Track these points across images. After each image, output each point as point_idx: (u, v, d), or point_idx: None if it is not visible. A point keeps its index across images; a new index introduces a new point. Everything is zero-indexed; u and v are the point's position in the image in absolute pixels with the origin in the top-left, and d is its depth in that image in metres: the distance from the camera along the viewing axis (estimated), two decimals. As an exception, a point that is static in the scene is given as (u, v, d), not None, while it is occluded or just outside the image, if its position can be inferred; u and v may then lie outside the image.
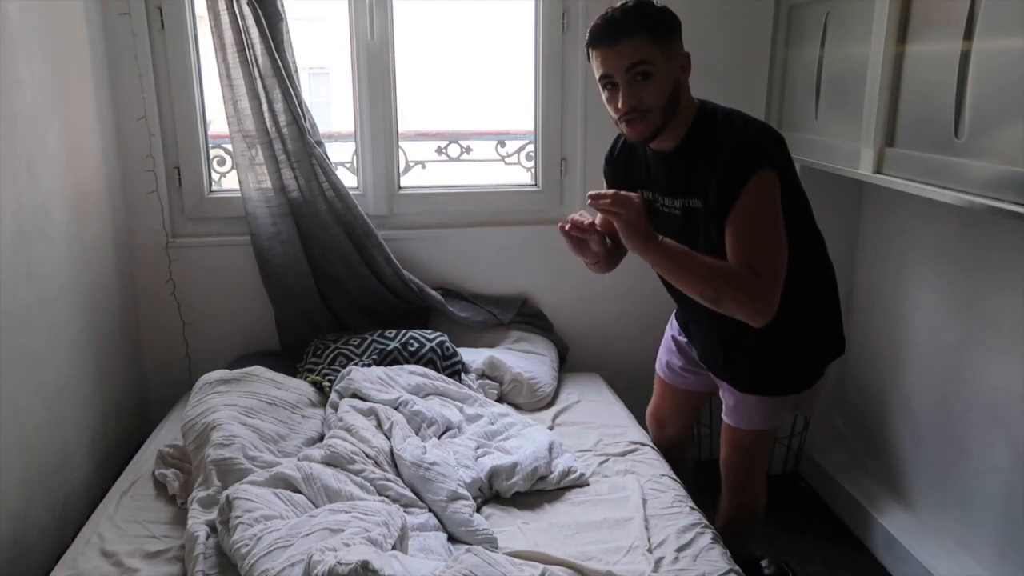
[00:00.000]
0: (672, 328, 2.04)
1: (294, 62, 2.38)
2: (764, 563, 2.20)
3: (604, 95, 1.56)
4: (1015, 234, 1.93)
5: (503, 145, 2.72)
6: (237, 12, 2.28)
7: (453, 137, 2.69)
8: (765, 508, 2.02)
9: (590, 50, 1.54)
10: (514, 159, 2.73)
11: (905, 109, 1.85)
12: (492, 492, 1.86)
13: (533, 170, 2.73)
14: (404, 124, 2.62)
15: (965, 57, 1.60)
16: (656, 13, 1.51)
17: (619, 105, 1.52)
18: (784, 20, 2.47)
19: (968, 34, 1.59)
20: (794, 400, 1.78)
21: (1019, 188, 1.47)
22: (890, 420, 2.50)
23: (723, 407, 1.87)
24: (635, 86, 1.49)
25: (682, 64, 1.54)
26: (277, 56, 2.31)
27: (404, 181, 2.68)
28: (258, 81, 2.34)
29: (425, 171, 2.70)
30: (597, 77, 1.55)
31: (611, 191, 1.55)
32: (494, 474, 1.86)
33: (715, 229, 1.55)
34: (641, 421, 2.26)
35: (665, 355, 2.06)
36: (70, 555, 1.62)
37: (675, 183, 1.62)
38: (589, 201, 1.54)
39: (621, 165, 1.78)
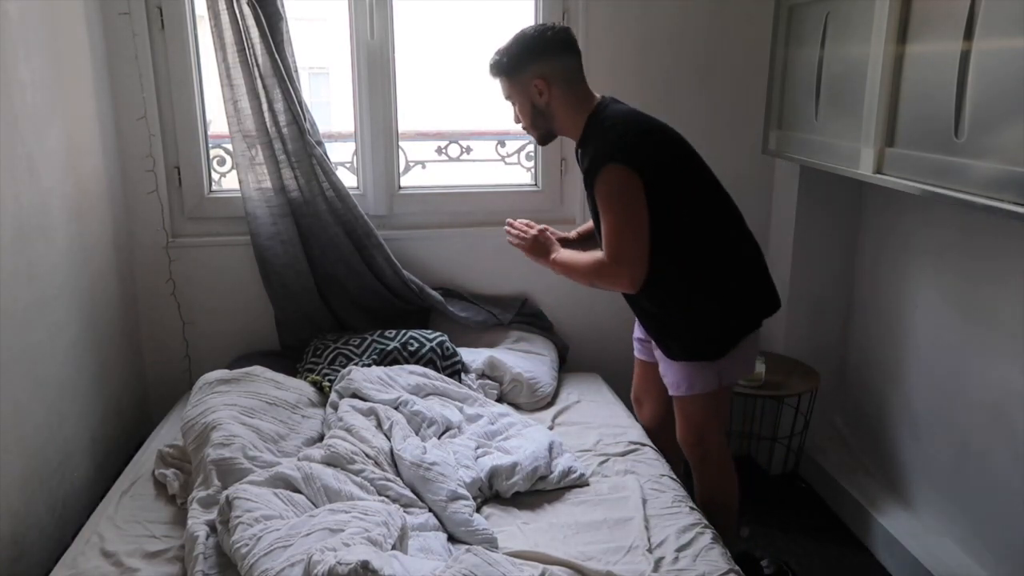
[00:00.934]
0: None
1: (294, 62, 2.38)
2: (764, 563, 2.20)
3: None
4: (1015, 234, 1.93)
5: (503, 145, 2.72)
6: (237, 12, 2.28)
7: (453, 137, 2.69)
8: (736, 491, 2.08)
9: None
10: (514, 159, 2.73)
11: (905, 109, 1.85)
12: (492, 492, 1.86)
13: (533, 170, 2.73)
14: (404, 124, 2.62)
15: (965, 57, 1.60)
16: (505, 58, 1.86)
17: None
18: (784, 20, 2.47)
19: (968, 34, 1.59)
20: (716, 368, 1.91)
21: (1019, 188, 1.47)
22: (890, 420, 2.50)
23: (667, 384, 2.01)
24: (514, 111, 1.94)
25: (537, 89, 1.86)
26: (277, 56, 2.31)
27: (404, 181, 2.68)
28: (258, 81, 2.34)
29: (425, 171, 2.70)
30: None
31: (508, 227, 2.04)
32: (494, 474, 1.86)
33: (593, 207, 1.87)
34: (641, 421, 2.26)
35: (634, 332, 2.20)
36: (70, 555, 1.62)
37: (582, 170, 1.92)
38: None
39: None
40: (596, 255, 1.84)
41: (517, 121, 1.95)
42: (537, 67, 1.84)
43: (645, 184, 1.73)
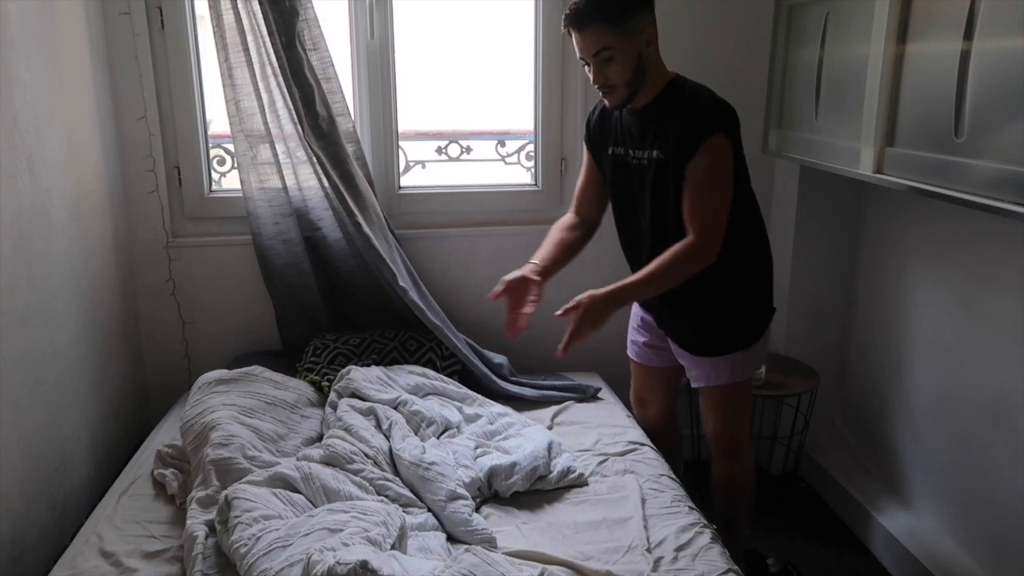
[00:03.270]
0: (636, 309, 2.15)
1: (311, 58, 2.32)
2: (770, 561, 2.21)
3: (585, 69, 1.79)
4: (1015, 234, 1.92)
5: (503, 145, 2.72)
6: (244, 9, 2.27)
7: (453, 137, 2.69)
8: (756, 481, 2.13)
9: (567, 31, 1.74)
10: (514, 159, 2.73)
11: (905, 109, 1.85)
12: (491, 492, 1.86)
13: (533, 170, 2.73)
14: (404, 124, 2.62)
15: (965, 57, 1.60)
16: (616, 3, 1.68)
17: (591, 81, 1.77)
18: (784, 20, 2.47)
19: (968, 34, 1.59)
20: (750, 355, 1.94)
21: (1019, 188, 1.47)
22: (890, 420, 2.50)
23: (689, 378, 2.02)
24: (602, 67, 1.72)
25: (647, 39, 1.73)
26: (285, 55, 2.27)
27: (404, 181, 2.68)
28: (263, 80, 2.33)
29: (425, 171, 2.70)
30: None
31: (573, 327, 1.74)
32: (493, 474, 1.86)
33: (673, 176, 1.76)
34: (640, 421, 2.26)
35: (632, 335, 2.18)
36: (69, 555, 1.62)
37: (645, 136, 1.82)
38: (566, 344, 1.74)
39: (596, 130, 1.97)
40: (676, 249, 1.73)
41: (594, 83, 1.75)
42: (646, 16, 1.72)
43: (735, 157, 1.75)
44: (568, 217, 2.10)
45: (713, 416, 2.03)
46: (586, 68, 1.78)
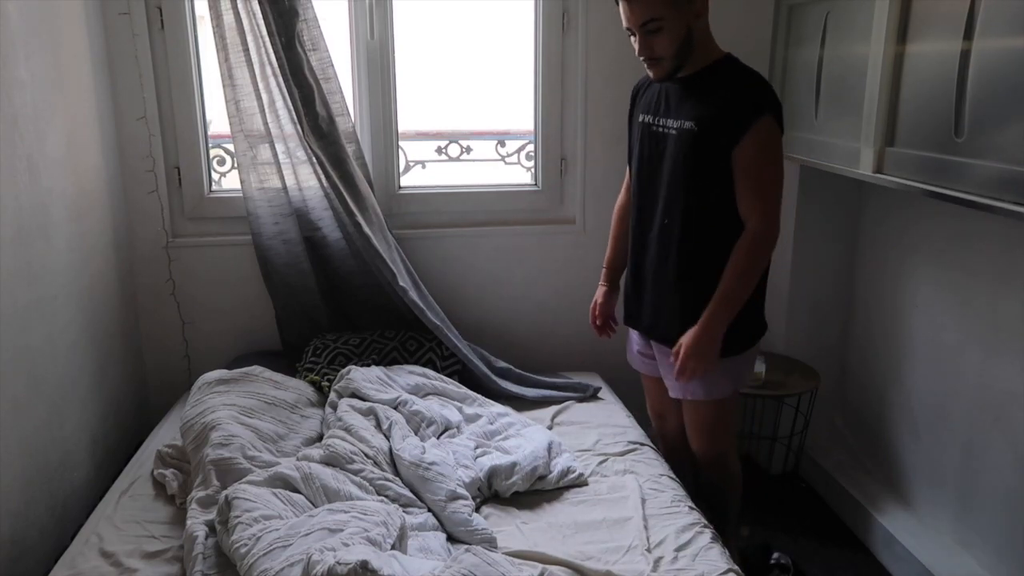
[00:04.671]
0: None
1: (311, 59, 2.33)
2: (777, 555, 2.22)
3: (631, 40, 1.76)
4: (1015, 234, 1.92)
5: (503, 145, 2.72)
6: (244, 9, 2.27)
7: (453, 137, 2.69)
8: (741, 477, 2.08)
9: (617, 2, 1.73)
10: (514, 159, 2.73)
11: (905, 109, 1.85)
12: (491, 492, 1.87)
13: (533, 170, 2.73)
14: (404, 124, 2.62)
15: (965, 57, 1.60)
16: None
17: (637, 52, 1.74)
18: (784, 20, 2.47)
19: (968, 34, 1.59)
20: (735, 369, 1.87)
21: (1019, 188, 1.47)
22: (890, 420, 2.50)
23: (669, 387, 1.95)
24: (648, 39, 1.69)
25: (697, 12, 1.69)
26: (284, 55, 2.27)
27: (404, 181, 2.68)
28: (263, 80, 2.33)
29: (425, 171, 2.70)
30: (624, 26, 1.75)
31: (679, 368, 1.78)
32: (493, 474, 1.86)
33: (703, 151, 1.72)
34: (640, 421, 2.26)
35: (631, 345, 2.13)
36: (69, 555, 1.62)
37: (682, 106, 1.78)
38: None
39: (639, 94, 1.96)
40: (740, 247, 1.71)
41: (640, 55, 1.72)
42: None
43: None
44: (622, 198, 2.10)
45: (698, 435, 1.96)
46: (632, 39, 1.74)
